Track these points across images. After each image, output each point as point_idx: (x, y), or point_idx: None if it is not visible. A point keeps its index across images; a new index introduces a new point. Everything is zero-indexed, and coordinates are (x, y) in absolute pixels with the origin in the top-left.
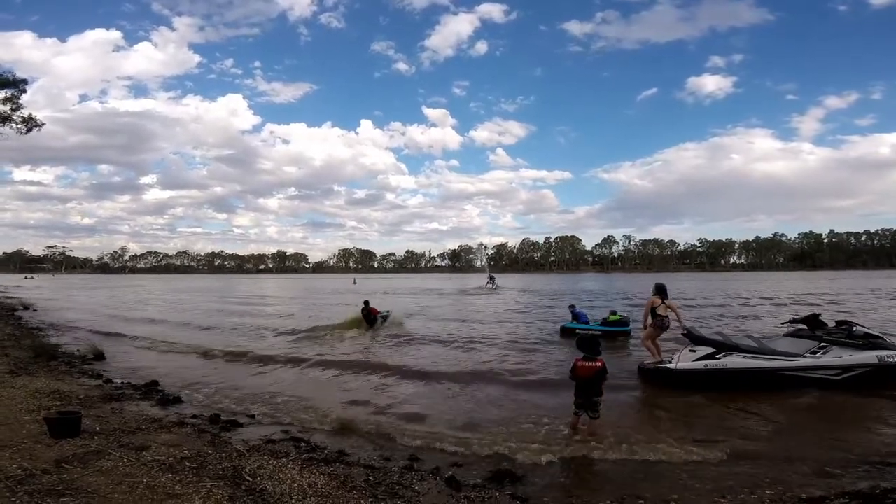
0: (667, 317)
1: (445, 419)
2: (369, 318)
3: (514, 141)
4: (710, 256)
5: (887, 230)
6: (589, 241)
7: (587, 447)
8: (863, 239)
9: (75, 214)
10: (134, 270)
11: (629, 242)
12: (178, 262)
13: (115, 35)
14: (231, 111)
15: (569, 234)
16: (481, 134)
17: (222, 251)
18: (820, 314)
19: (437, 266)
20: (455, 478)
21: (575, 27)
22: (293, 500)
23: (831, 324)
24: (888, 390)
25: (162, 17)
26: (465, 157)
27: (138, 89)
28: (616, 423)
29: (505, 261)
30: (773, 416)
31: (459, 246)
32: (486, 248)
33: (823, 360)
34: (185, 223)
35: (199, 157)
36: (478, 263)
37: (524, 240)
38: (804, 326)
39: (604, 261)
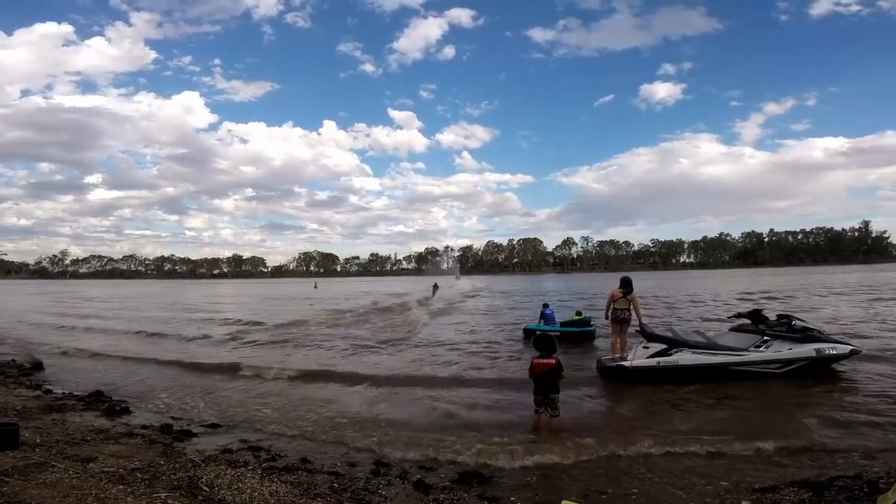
0: (627, 309)
1: (413, 424)
2: (435, 288)
3: (479, 144)
4: (663, 256)
5: (821, 229)
6: (550, 243)
7: (550, 446)
8: (800, 237)
9: (10, 215)
10: (75, 275)
11: (587, 244)
12: (125, 267)
13: (66, 29)
14: (186, 108)
15: (531, 237)
16: (447, 137)
17: (173, 255)
18: (762, 309)
19: (403, 269)
20: (423, 481)
21: (538, 34)
22: None
23: (772, 317)
24: (826, 381)
25: (119, 13)
26: (431, 160)
27: (87, 85)
28: (577, 421)
29: (470, 263)
30: (723, 408)
31: (426, 248)
32: (452, 250)
33: (766, 354)
34: (133, 225)
35: (149, 156)
36: (444, 266)
37: (489, 242)
38: (748, 321)
39: (564, 262)
